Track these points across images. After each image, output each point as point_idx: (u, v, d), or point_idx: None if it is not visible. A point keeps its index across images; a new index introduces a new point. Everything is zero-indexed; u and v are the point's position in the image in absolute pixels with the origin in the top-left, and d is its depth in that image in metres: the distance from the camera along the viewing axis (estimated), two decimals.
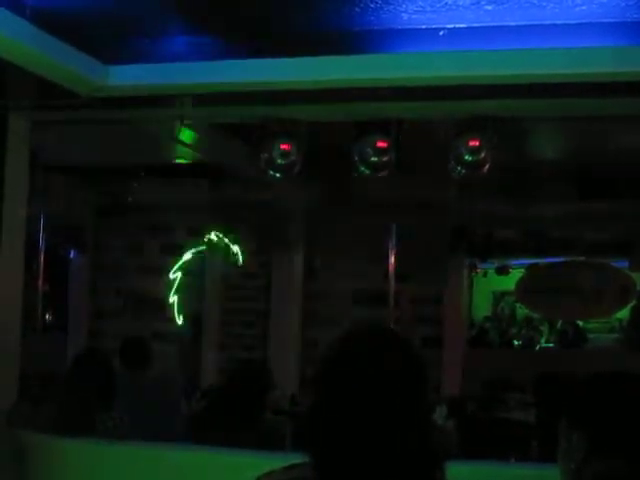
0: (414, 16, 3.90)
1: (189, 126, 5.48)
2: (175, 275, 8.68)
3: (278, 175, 5.15)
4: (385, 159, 4.98)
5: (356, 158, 4.99)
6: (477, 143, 4.77)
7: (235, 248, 8.65)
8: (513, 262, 12.13)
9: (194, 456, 3.83)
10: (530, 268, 11.10)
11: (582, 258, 10.46)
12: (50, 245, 8.04)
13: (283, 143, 5.04)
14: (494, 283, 13.59)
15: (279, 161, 5.07)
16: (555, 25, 3.93)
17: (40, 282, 7.52)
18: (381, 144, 4.94)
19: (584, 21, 3.87)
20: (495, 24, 3.96)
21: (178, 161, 7.00)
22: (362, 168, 5.01)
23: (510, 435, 6.05)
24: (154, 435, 4.33)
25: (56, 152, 6.36)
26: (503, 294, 14.32)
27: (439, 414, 5.92)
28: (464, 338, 9.63)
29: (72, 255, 9.22)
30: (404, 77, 4.25)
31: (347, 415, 1.64)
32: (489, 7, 3.78)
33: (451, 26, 4.01)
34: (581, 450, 2.00)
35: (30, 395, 5.17)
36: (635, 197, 7.40)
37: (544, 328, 13.57)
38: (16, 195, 5.00)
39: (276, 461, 1.82)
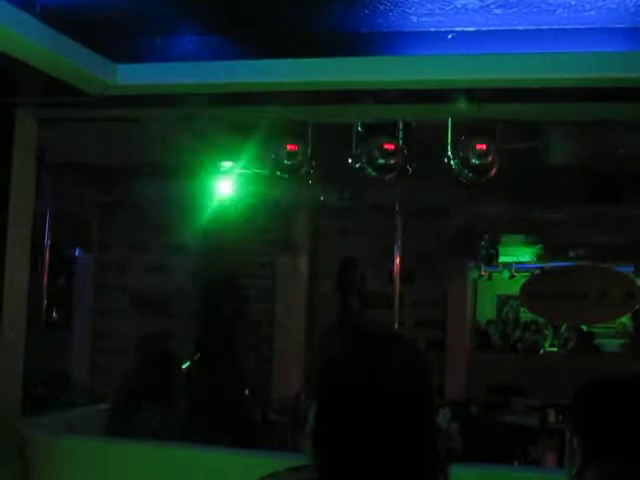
0: (423, 19, 3.89)
1: None
2: None
3: (286, 176, 5.16)
4: (392, 161, 4.98)
5: (363, 160, 4.99)
6: (484, 147, 4.77)
7: None
8: (518, 266, 12.14)
9: (197, 455, 3.84)
10: (535, 272, 11.10)
11: (587, 263, 10.45)
12: (55, 243, 8.04)
13: (290, 144, 5.05)
14: (499, 287, 13.59)
15: (286, 162, 5.09)
16: (564, 30, 3.92)
17: (45, 280, 7.51)
18: (388, 146, 4.94)
19: (593, 26, 3.86)
20: (504, 28, 3.95)
21: None
22: (369, 170, 5.01)
23: (514, 439, 6.05)
24: None
25: (63, 150, 6.36)
26: (508, 298, 14.32)
27: (443, 417, 5.92)
28: (468, 341, 9.61)
29: (77, 253, 9.22)
30: (412, 80, 4.25)
31: (351, 418, 1.64)
32: (498, 11, 3.78)
33: (460, 29, 4.00)
34: (580, 456, 2.01)
35: (34, 394, 5.18)
36: None
37: (548, 332, 13.57)
38: (23, 193, 5.00)
39: (280, 462, 1.82)
